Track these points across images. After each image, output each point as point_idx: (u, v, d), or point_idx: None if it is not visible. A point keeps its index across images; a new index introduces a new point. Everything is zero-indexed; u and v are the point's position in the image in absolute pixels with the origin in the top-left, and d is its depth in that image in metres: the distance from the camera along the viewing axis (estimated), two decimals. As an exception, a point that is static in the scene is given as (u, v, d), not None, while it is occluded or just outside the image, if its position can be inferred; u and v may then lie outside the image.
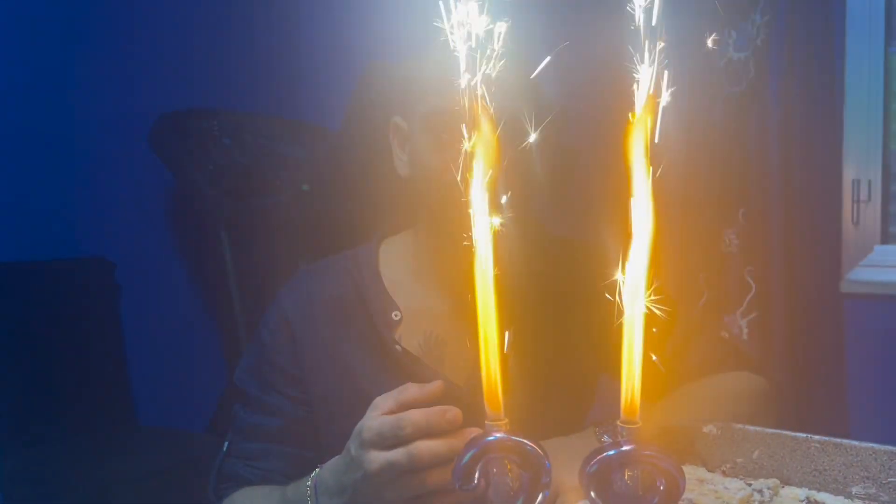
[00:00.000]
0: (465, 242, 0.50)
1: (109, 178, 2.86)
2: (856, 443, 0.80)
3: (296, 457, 1.09)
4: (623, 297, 0.48)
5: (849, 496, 0.79)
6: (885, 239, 1.88)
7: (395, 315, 1.08)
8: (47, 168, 2.75)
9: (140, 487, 2.26)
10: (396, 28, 1.69)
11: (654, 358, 0.50)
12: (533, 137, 0.83)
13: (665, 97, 0.47)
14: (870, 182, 1.88)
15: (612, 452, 0.48)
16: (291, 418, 1.11)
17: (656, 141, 0.47)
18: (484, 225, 0.50)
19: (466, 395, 1.01)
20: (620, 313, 0.48)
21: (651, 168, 0.47)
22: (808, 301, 1.77)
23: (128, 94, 2.78)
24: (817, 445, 0.82)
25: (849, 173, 1.89)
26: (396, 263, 1.14)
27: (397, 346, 1.06)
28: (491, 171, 0.51)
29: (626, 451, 0.48)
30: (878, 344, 1.80)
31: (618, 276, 0.48)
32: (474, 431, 0.78)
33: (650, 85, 0.47)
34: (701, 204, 1.83)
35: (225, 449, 1.13)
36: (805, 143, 1.78)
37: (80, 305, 2.73)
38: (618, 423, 0.50)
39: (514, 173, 0.92)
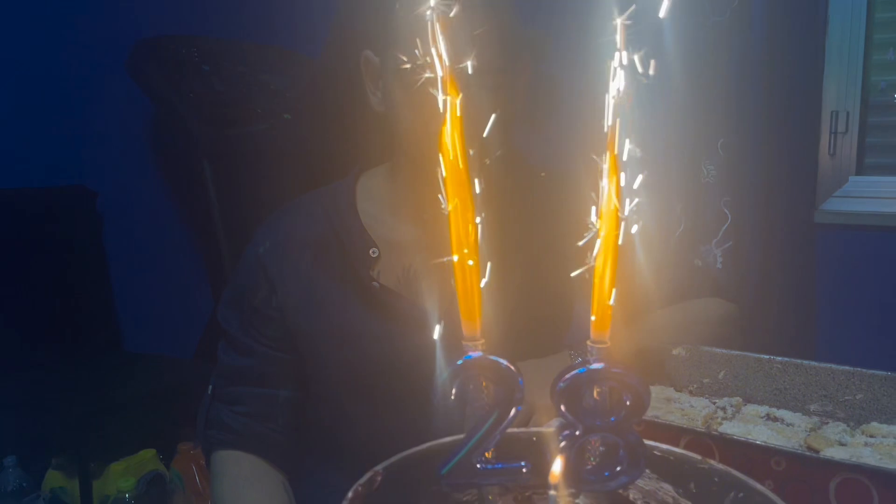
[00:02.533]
0: (441, 175, 0.51)
1: (89, 104, 2.82)
2: (815, 363, 0.85)
3: (271, 397, 1.12)
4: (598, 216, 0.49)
5: (807, 413, 0.83)
6: (860, 170, 1.91)
7: (373, 252, 1.09)
8: (26, 95, 2.71)
9: (127, 413, 2.30)
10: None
11: (626, 282, 0.52)
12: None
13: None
14: (848, 114, 1.89)
15: (581, 370, 0.50)
16: (265, 358, 1.13)
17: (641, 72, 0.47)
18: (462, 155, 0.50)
19: (443, 327, 1.04)
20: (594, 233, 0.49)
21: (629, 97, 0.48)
22: (782, 231, 1.81)
23: (107, 20, 2.72)
24: (779, 366, 0.86)
25: (828, 104, 1.90)
26: (374, 197, 1.14)
27: (375, 283, 1.08)
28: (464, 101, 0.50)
29: (595, 368, 0.50)
30: (848, 272, 1.85)
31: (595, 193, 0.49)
32: None
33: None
34: (681, 134, 1.84)
35: (210, 392, 1.16)
36: (786, 73, 1.78)
37: (62, 233, 2.73)
38: (587, 342, 0.52)
39: (492, 104, 0.93)
